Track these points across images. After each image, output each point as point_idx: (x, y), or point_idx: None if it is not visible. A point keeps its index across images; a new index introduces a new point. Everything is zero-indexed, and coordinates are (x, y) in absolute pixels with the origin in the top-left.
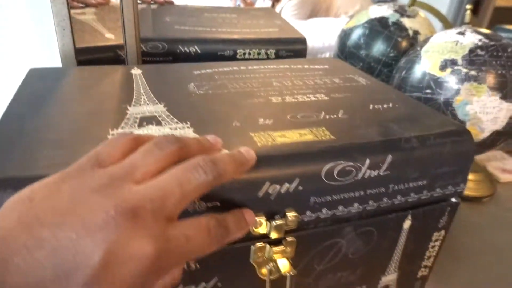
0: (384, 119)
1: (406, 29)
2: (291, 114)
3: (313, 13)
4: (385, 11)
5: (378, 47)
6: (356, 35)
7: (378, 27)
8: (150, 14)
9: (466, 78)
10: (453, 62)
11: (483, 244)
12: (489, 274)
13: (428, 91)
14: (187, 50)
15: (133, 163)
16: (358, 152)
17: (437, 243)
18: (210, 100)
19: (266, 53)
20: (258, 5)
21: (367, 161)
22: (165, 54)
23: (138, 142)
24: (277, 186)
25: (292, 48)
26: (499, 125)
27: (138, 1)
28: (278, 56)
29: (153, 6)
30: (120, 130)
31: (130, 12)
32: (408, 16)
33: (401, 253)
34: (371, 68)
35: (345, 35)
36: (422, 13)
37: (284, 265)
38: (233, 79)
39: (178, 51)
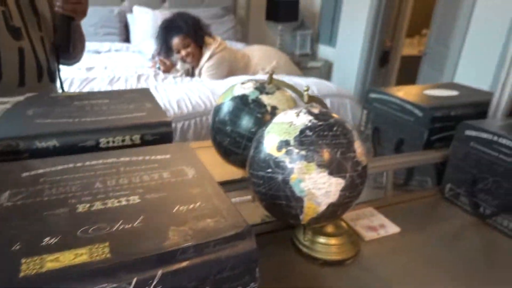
0: (178, 223)
1: (264, 105)
2: (84, 227)
3: (231, 72)
4: (246, 89)
5: (241, 123)
6: (222, 112)
7: (240, 104)
8: (10, 110)
9: (298, 158)
10: (287, 143)
11: None
12: None
13: (269, 170)
14: (45, 145)
15: None
16: (126, 270)
17: None
18: (12, 215)
19: (131, 139)
20: (179, 66)
21: (134, 280)
22: (19, 152)
23: None
24: None
25: (158, 131)
26: (332, 198)
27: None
28: (143, 141)
29: (20, 98)
30: None
31: None
32: (267, 93)
33: None
34: (237, 143)
35: (214, 112)
36: (285, 90)
37: None
38: (55, 181)
39: (34, 147)
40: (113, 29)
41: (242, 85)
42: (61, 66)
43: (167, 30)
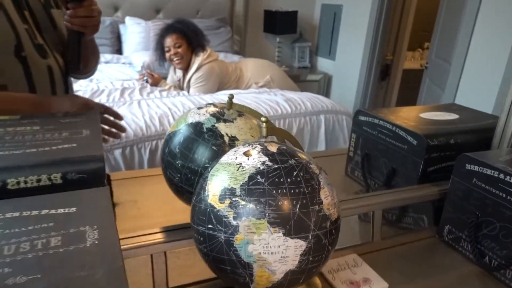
0: None
1: (221, 136)
2: None
3: (222, 85)
4: (202, 115)
5: (194, 157)
6: (173, 142)
7: (193, 134)
8: None
9: (245, 213)
10: (232, 192)
11: None
12: None
13: (210, 226)
14: None
15: None
16: None
17: None
18: None
19: (49, 179)
20: (169, 79)
21: None
22: None
23: None
24: None
25: (84, 169)
26: (291, 264)
27: None
28: (66, 181)
29: None
30: None
31: None
32: (225, 121)
33: None
34: (189, 180)
35: (165, 142)
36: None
37: None
38: None
39: None
40: (104, 40)
41: (198, 110)
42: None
43: (165, 30)
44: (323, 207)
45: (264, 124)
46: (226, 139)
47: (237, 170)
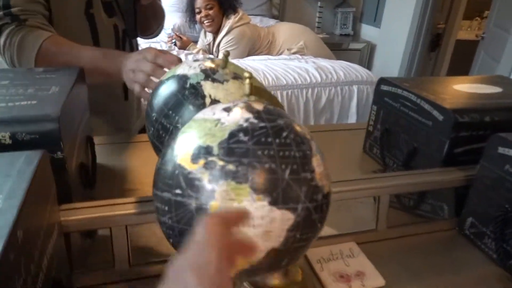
0: None
1: (203, 96)
2: None
3: (252, 50)
4: (192, 68)
5: (169, 113)
6: (155, 92)
7: (175, 87)
8: None
9: (223, 175)
10: (208, 151)
11: None
12: None
13: (178, 191)
14: None
15: None
16: None
17: None
18: None
19: None
20: (199, 43)
21: None
22: None
23: None
24: None
25: (37, 129)
26: (276, 241)
27: None
28: (16, 142)
29: None
30: None
31: None
32: (214, 80)
33: None
34: (160, 138)
35: (153, 90)
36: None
37: None
38: None
39: None
40: None
41: (193, 62)
42: None
43: None
44: (315, 176)
45: (247, 80)
46: (208, 101)
47: (215, 126)
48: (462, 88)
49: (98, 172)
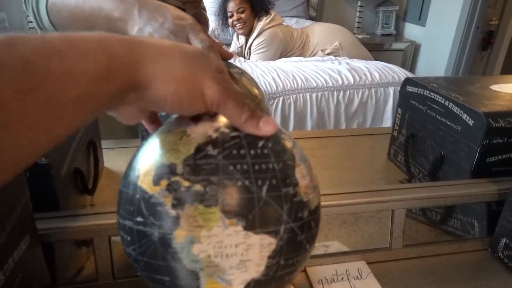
0: None
1: None
2: None
3: (285, 52)
4: None
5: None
6: None
7: None
8: None
9: (188, 198)
10: (171, 170)
11: None
12: None
13: (139, 219)
14: None
15: None
16: None
17: None
18: None
19: None
20: (232, 46)
21: None
22: None
23: None
24: None
25: None
26: (255, 271)
27: None
28: None
29: None
30: None
31: None
32: None
33: None
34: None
35: None
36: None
37: None
38: None
39: None
40: None
41: None
42: None
43: None
44: (299, 190)
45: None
46: None
47: (180, 139)
48: (501, 89)
49: (104, 177)
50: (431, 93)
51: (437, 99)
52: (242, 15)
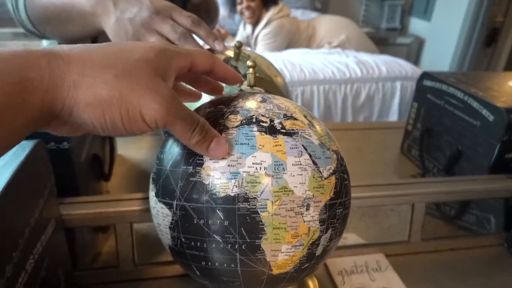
0: None
1: None
2: None
3: (291, 44)
4: None
5: None
6: None
7: None
8: None
9: None
10: None
11: None
12: None
13: None
14: None
15: None
16: None
17: None
18: None
19: None
20: (238, 35)
21: None
22: None
23: None
24: None
25: None
26: None
27: None
28: None
29: None
30: None
31: None
32: None
33: None
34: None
35: None
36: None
37: None
38: None
39: None
40: None
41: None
42: None
43: None
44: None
45: (250, 70)
46: None
47: None
48: None
49: (118, 164)
50: (449, 87)
51: (455, 94)
52: (252, 4)
